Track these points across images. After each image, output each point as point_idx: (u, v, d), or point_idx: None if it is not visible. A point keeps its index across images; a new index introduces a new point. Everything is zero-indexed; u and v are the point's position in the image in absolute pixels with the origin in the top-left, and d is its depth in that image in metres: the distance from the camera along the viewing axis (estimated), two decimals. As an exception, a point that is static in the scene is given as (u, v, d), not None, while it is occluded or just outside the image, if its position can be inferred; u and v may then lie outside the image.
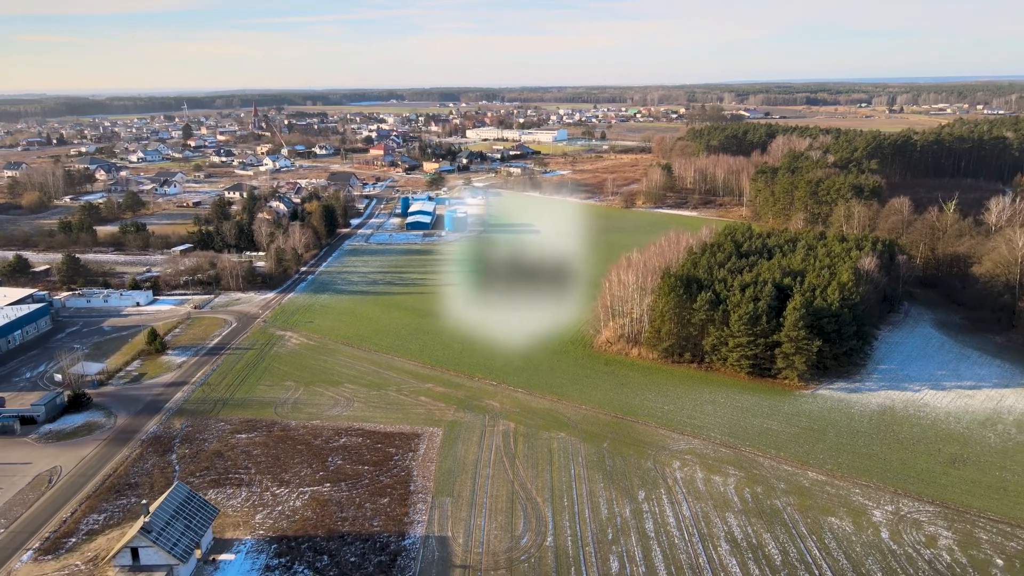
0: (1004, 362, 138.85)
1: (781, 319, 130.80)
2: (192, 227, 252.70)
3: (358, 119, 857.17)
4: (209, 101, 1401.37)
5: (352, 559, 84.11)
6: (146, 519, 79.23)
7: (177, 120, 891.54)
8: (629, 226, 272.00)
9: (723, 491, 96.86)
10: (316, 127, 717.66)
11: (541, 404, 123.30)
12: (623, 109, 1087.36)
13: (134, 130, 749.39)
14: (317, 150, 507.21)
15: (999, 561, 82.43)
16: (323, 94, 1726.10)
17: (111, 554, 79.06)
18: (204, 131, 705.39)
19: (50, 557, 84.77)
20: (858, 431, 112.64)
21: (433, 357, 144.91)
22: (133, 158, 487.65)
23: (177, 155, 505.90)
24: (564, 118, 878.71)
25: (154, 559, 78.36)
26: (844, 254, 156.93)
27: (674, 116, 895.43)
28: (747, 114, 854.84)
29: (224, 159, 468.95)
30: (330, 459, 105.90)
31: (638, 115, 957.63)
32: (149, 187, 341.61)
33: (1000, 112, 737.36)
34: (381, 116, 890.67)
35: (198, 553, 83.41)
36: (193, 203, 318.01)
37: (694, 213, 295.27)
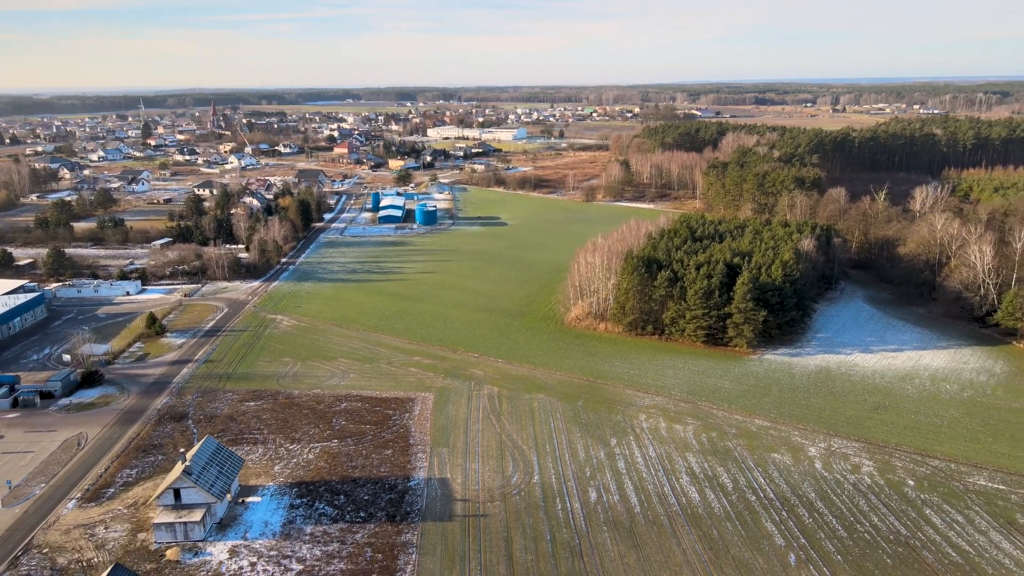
0: (924, 329, 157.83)
1: (731, 293, 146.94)
2: (168, 222, 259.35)
3: (317, 118, 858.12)
4: (161, 100, 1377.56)
5: (366, 497, 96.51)
6: (186, 464, 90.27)
7: (131, 119, 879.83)
8: (590, 218, 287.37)
9: (683, 436, 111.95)
10: (276, 126, 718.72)
11: (520, 371, 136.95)
12: (579, 108, 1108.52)
13: (88, 129, 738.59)
14: (281, 148, 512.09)
15: (911, 482, 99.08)
16: (278, 93, 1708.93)
17: (156, 494, 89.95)
18: (161, 130, 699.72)
19: (93, 504, 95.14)
20: (798, 387, 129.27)
21: (417, 335, 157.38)
22: (94, 157, 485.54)
23: (139, 154, 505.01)
24: (522, 117, 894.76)
25: (194, 498, 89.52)
26: (786, 237, 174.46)
27: (629, 115, 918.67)
28: (699, 113, 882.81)
29: (188, 157, 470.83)
30: (334, 420, 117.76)
31: (594, 114, 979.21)
32: (117, 185, 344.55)
33: (935, 111, 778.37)
34: (340, 115, 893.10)
35: (228, 497, 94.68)
36: (164, 200, 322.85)
37: (651, 205, 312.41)
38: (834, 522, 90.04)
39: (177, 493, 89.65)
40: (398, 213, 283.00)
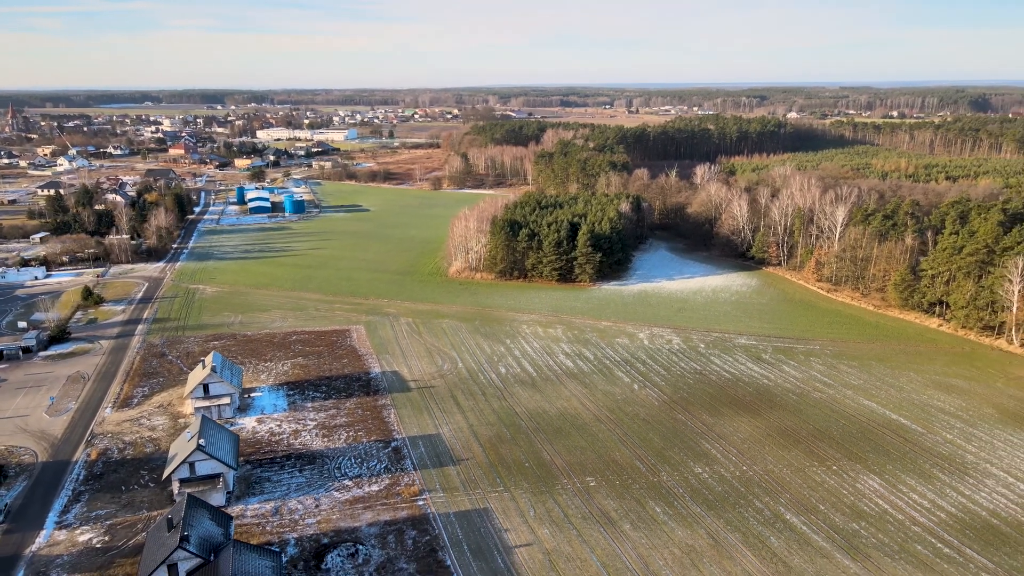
0: (707, 265, 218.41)
1: (575, 243, 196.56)
2: (27, 220, 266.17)
3: (128, 120, 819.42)
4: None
5: (342, 385, 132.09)
6: (212, 366, 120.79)
7: None
8: (441, 203, 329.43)
9: (555, 334, 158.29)
10: (86, 129, 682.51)
11: (424, 308, 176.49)
12: (400, 111, 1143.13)
13: None
14: (112, 150, 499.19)
15: (702, 345, 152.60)
16: (63, 95, 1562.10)
17: (189, 390, 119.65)
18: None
19: (127, 408, 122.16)
20: (627, 302, 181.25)
21: (330, 290, 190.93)
22: None
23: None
24: (346, 119, 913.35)
25: (219, 390, 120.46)
26: (609, 203, 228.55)
27: (450, 116, 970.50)
28: (513, 114, 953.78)
29: (8, 161, 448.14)
30: (293, 347, 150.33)
31: (416, 115, 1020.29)
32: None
33: (710, 112, 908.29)
34: (155, 119, 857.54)
35: (239, 392, 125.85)
36: (9, 201, 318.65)
37: (491, 191, 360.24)
38: (659, 368, 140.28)
39: (206, 388, 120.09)
40: (267, 204, 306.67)
